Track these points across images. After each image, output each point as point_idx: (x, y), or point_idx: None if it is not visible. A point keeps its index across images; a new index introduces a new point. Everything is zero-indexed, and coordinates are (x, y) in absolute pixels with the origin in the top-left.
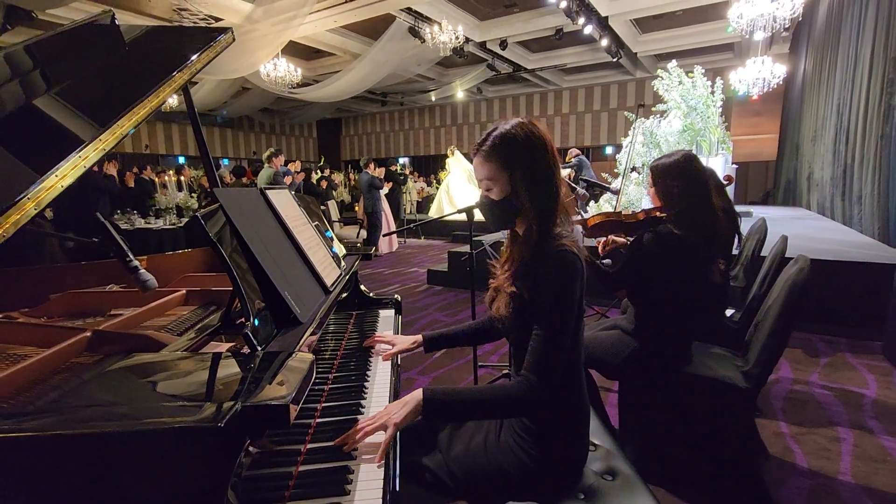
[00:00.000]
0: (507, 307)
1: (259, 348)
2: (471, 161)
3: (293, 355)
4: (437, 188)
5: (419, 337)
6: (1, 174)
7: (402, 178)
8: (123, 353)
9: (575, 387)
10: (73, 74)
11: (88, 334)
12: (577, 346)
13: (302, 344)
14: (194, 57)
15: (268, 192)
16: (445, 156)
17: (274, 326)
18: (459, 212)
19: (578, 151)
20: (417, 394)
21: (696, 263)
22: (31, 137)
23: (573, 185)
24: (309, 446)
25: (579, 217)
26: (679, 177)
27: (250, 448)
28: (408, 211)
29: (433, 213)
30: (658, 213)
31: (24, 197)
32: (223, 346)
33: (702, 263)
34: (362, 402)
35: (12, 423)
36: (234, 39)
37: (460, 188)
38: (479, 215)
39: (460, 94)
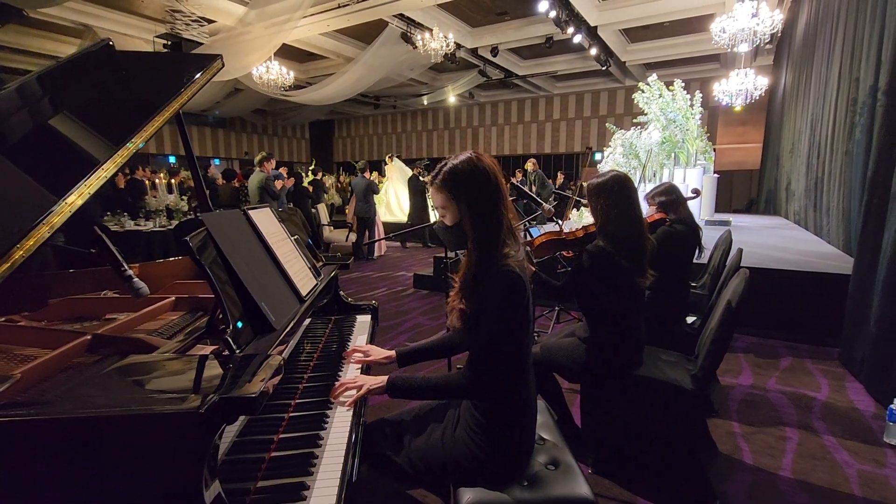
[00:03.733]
0: (458, 320)
1: (237, 351)
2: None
3: (265, 357)
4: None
5: (392, 353)
6: (25, 194)
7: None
8: (120, 354)
9: (520, 388)
10: (85, 100)
11: (88, 337)
12: (523, 351)
13: (275, 347)
14: (196, 76)
15: (250, 212)
16: (437, 159)
17: (252, 332)
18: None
19: (536, 164)
20: (385, 377)
21: (625, 275)
22: (49, 160)
23: (539, 200)
24: (281, 436)
25: (528, 238)
26: (605, 196)
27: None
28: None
29: (383, 217)
30: (593, 229)
31: (63, 202)
32: (208, 349)
33: (629, 274)
34: (332, 399)
35: (29, 410)
36: (222, 66)
37: (401, 194)
38: None
39: (452, 99)
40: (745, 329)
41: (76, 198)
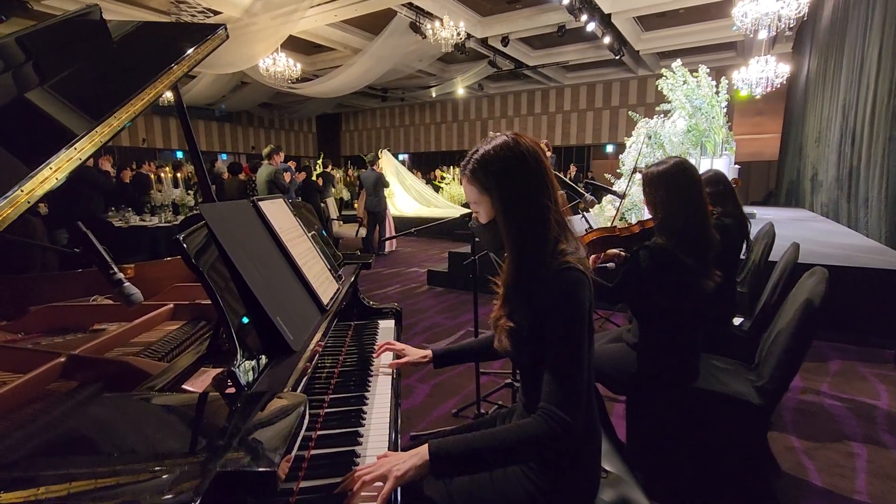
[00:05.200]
0: (508, 340)
1: (245, 388)
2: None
3: (283, 397)
4: (438, 184)
5: (429, 352)
6: None
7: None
8: (101, 381)
9: (587, 411)
10: (61, 68)
11: (63, 360)
12: (590, 367)
13: (294, 379)
14: (190, 51)
15: (260, 203)
16: (446, 152)
17: (265, 356)
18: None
19: (549, 145)
20: (423, 449)
21: (688, 275)
22: (23, 131)
23: (581, 190)
24: (301, 485)
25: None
26: (668, 187)
27: None
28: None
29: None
30: (652, 224)
31: (18, 189)
32: (212, 372)
33: (693, 275)
34: (360, 429)
35: None
36: (227, 37)
37: (395, 187)
38: None
39: (461, 91)
40: None
41: (35, 185)
